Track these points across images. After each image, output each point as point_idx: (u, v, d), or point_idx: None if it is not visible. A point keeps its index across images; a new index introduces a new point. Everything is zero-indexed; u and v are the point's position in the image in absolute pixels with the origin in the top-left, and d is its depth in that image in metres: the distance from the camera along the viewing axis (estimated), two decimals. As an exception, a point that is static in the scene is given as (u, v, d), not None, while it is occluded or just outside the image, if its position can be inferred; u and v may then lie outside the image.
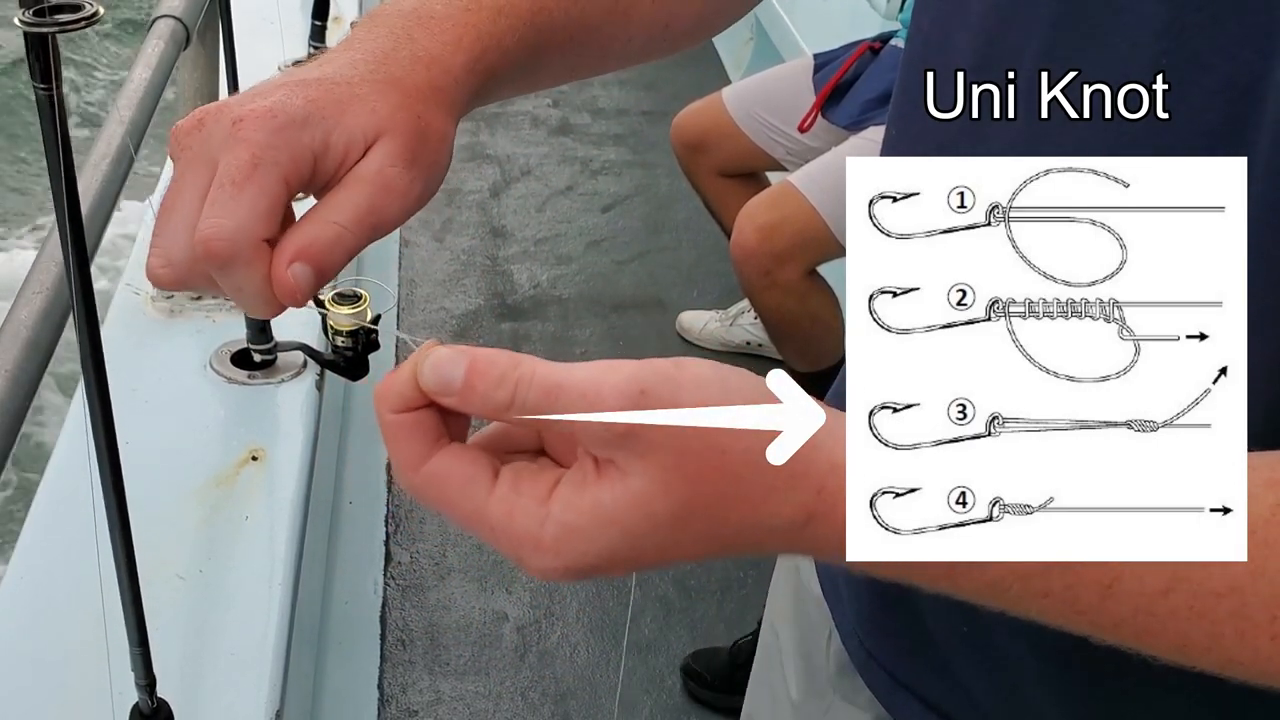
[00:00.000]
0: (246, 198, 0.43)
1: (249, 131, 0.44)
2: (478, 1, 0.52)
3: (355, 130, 0.46)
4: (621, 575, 0.40)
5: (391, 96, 0.47)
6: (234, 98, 0.46)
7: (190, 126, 0.45)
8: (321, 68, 0.48)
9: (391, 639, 1.87)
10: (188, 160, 0.45)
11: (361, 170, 0.46)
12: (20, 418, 0.80)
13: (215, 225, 0.43)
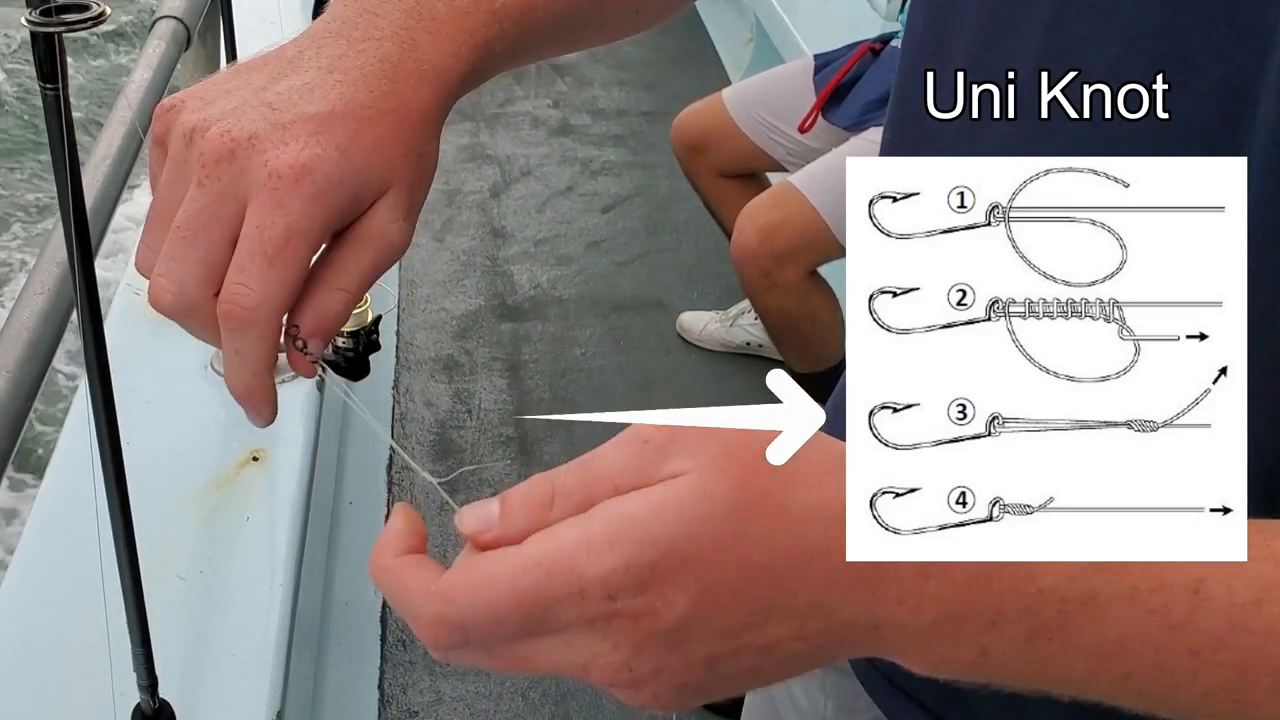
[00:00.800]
0: (277, 272, 0.43)
1: (286, 197, 0.43)
2: (475, 4, 0.51)
3: (372, 184, 0.46)
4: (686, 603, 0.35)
5: (402, 134, 0.46)
6: (264, 112, 0.44)
7: (221, 154, 0.43)
8: (339, 73, 0.46)
9: (392, 639, 1.87)
10: (217, 193, 0.43)
11: (367, 229, 0.46)
12: (22, 418, 0.80)
13: (243, 293, 0.43)
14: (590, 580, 0.35)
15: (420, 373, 2.47)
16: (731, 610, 0.36)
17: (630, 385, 2.48)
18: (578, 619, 0.36)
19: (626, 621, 0.36)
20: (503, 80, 3.76)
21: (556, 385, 2.46)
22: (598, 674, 0.36)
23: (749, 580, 0.36)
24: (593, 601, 0.35)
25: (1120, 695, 0.39)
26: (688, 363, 2.55)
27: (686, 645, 0.36)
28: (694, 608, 0.36)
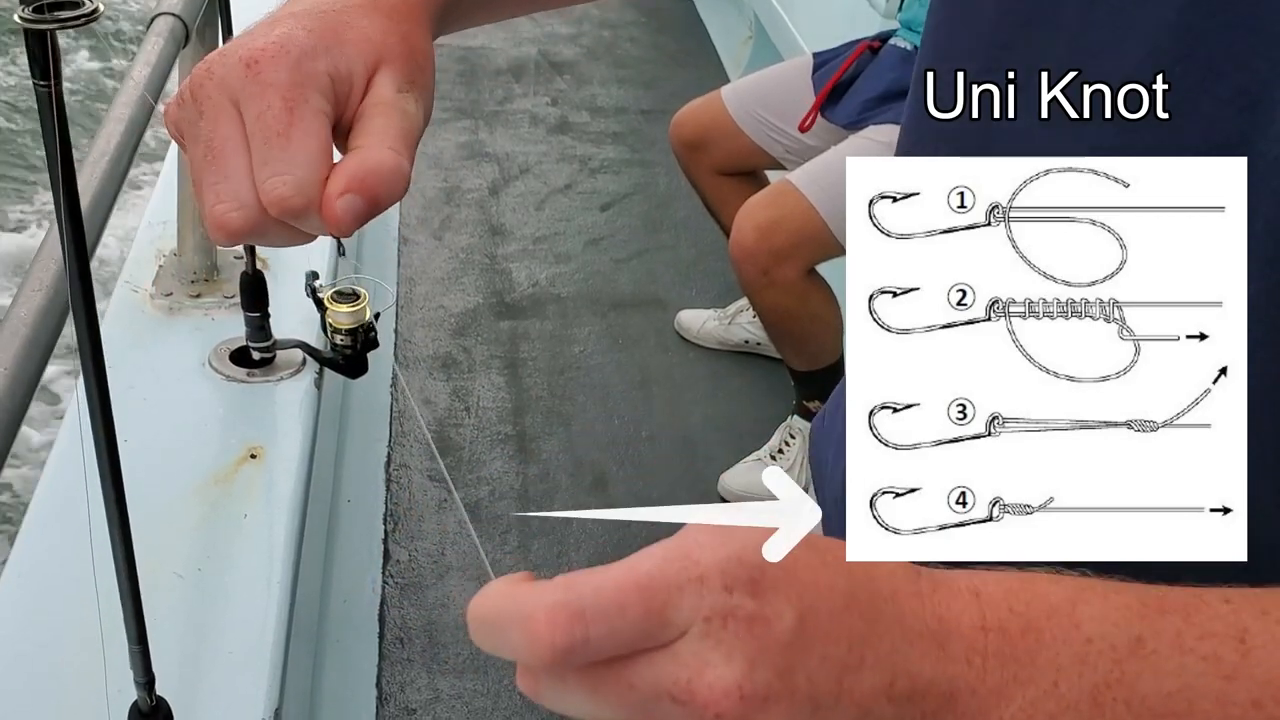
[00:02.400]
0: (296, 145, 0.42)
1: (269, 74, 0.43)
2: None
3: (357, 57, 0.45)
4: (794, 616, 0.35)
5: (378, 20, 0.47)
6: (233, 41, 0.45)
7: (201, 76, 0.43)
8: (312, 3, 0.47)
9: (390, 637, 1.87)
10: (213, 109, 0.43)
11: (377, 97, 0.45)
12: (20, 416, 0.80)
13: (281, 181, 0.42)
14: (707, 566, 0.35)
15: (419, 370, 2.47)
16: (832, 638, 0.36)
17: (629, 383, 2.48)
18: (696, 613, 0.34)
19: (741, 626, 0.35)
20: (501, 78, 3.76)
21: (555, 383, 2.46)
22: (704, 692, 0.34)
23: (842, 607, 0.36)
24: (711, 591, 0.35)
25: None
26: (686, 361, 2.55)
27: (795, 674, 0.35)
28: (801, 623, 0.35)
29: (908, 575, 0.38)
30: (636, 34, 4.13)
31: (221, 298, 1.59)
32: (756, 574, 0.35)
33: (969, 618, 0.37)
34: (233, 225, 0.43)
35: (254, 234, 0.43)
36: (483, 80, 3.75)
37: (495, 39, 3.99)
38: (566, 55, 3.95)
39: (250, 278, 1.42)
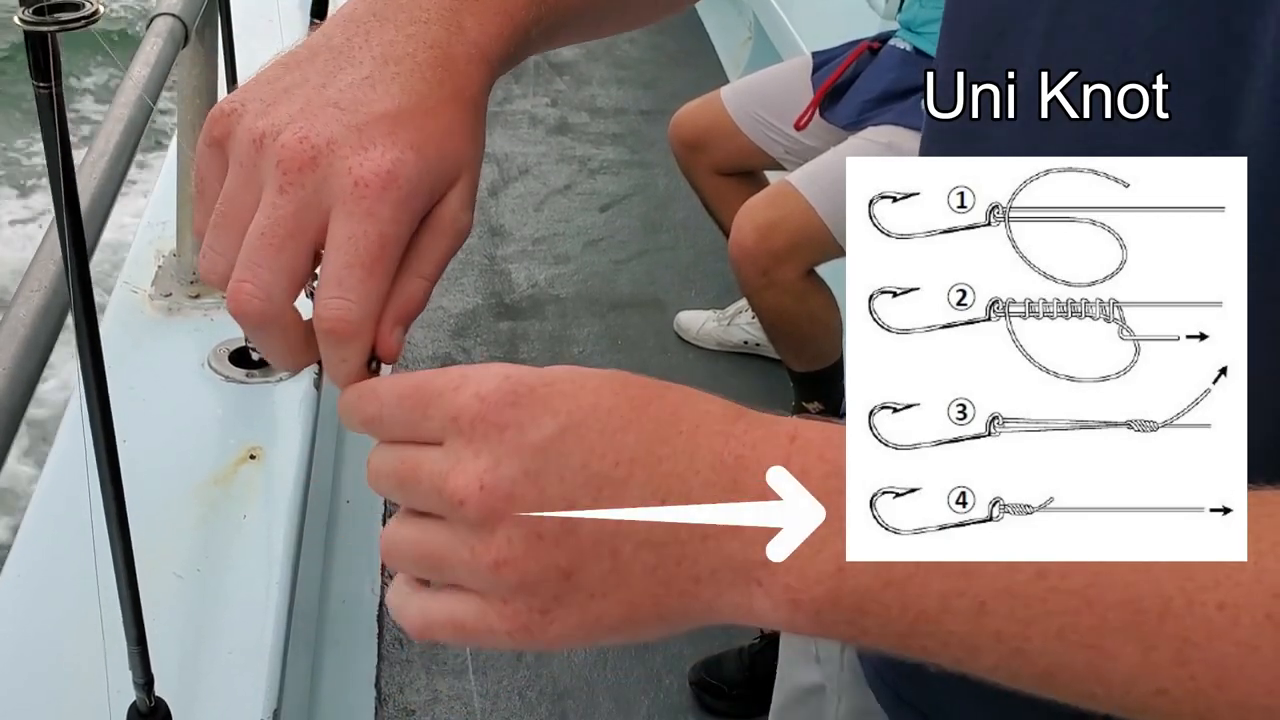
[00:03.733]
0: (375, 281, 0.43)
1: (375, 205, 0.43)
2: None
3: (446, 177, 0.46)
4: (554, 427, 0.38)
5: (463, 121, 0.47)
6: (333, 113, 0.44)
7: (304, 162, 0.43)
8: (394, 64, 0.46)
9: (389, 638, 1.87)
10: (301, 201, 0.43)
11: (440, 218, 0.46)
12: (19, 417, 0.80)
13: (346, 307, 0.43)
14: (471, 379, 0.39)
15: (417, 371, 2.47)
16: (597, 452, 0.38)
17: (628, 384, 2.48)
18: (448, 415, 0.39)
19: (492, 429, 0.38)
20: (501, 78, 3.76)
21: (554, 384, 2.46)
22: (453, 481, 0.38)
23: (618, 427, 0.39)
24: (465, 399, 0.39)
25: (979, 638, 0.37)
26: (685, 362, 2.55)
27: (544, 477, 0.38)
28: (561, 433, 0.38)
29: (724, 414, 0.40)
30: (636, 34, 4.13)
31: (220, 298, 1.59)
32: (522, 390, 0.39)
33: (772, 459, 0.38)
34: (250, 309, 0.43)
35: (254, 325, 0.44)
36: (482, 81, 3.74)
37: (494, 40, 3.99)
38: (566, 56, 3.95)
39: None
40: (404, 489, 0.42)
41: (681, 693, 1.84)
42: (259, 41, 2.20)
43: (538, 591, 0.39)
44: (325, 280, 0.43)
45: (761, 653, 1.80)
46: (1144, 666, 0.35)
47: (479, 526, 0.39)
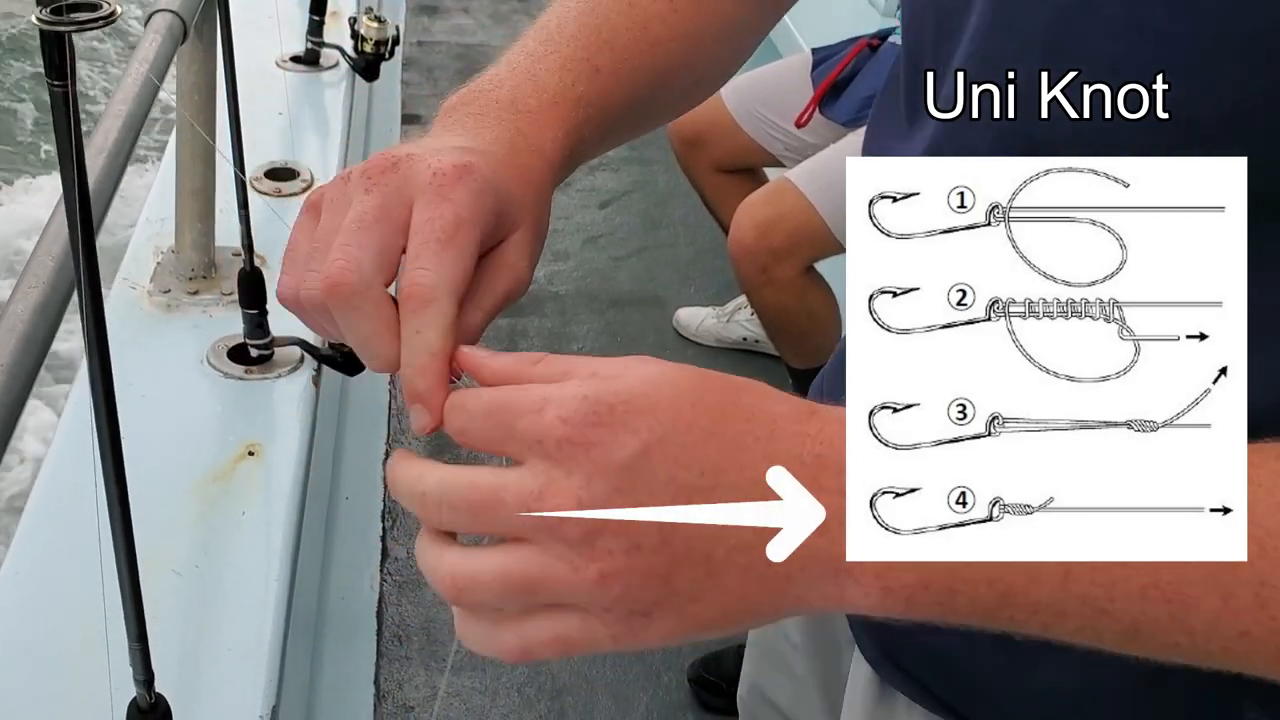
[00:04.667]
0: (450, 256, 0.46)
1: (452, 190, 0.46)
2: (561, 95, 0.56)
3: (513, 210, 0.50)
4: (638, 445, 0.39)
5: (532, 182, 0.51)
6: (416, 146, 0.49)
7: (385, 166, 0.47)
8: (469, 139, 0.52)
9: (388, 634, 1.87)
10: (384, 195, 0.46)
11: (504, 259, 0.50)
12: (17, 412, 0.80)
13: (423, 274, 0.45)
14: (552, 402, 0.40)
15: (416, 367, 2.47)
16: (682, 464, 0.39)
17: (627, 381, 2.48)
18: (533, 438, 0.40)
19: (579, 449, 0.39)
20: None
21: (553, 380, 2.46)
22: (551, 501, 0.39)
23: (699, 440, 0.40)
24: (549, 422, 0.40)
25: (1065, 604, 0.39)
26: (684, 359, 2.52)
27: (635, 491, 0.39)
28: (645, 450, 0.39)
29: (796, 414, 0.41)
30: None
31: (219, 295, 1.59)
32: (603, 409, 0.40)
33: None
34: (342, 281, 0.45)
35: (346, 299, 0.46)
36: (481, 77, 3.74)
37: (494, 36, 3.99)
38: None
39: (248, 275, 1.42)
40: (482, 513, 0.42)
41: (680, 689, 1.84)
42: (258, 38, 2.20)
43: (640, 598, 0.40)
44: (407, 257, 0.46)
45: (760, 650, 1.80)
46: (1225, 612, 0.37)
47: (579, 543, 0.39)
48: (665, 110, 0.68)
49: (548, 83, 0.56)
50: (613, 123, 0.60)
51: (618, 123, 0.61)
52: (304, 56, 2.30)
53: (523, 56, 0.59)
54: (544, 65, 0.58)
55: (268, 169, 1.90)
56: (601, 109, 0.58)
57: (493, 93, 0.56)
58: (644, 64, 0.61)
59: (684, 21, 0.63)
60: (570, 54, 0.59)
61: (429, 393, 0.46)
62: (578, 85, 0.57)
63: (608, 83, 0.59)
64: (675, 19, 0.63)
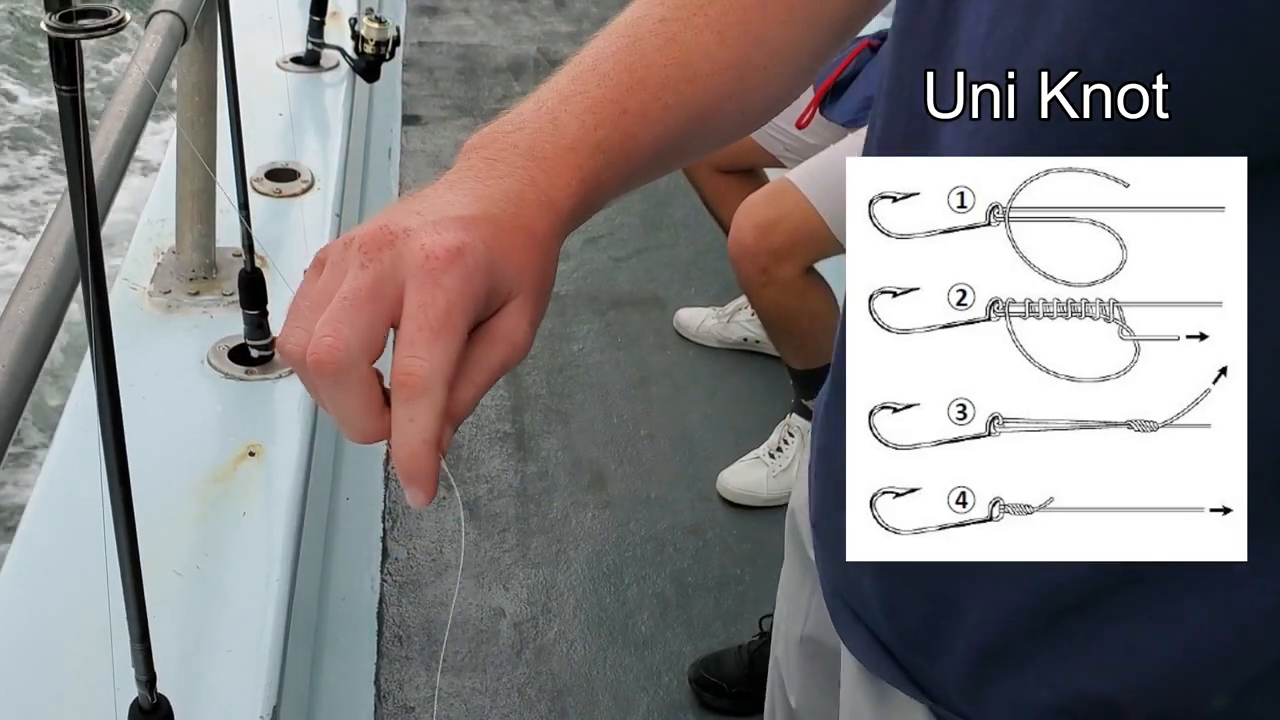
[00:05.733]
0: (443, 344, 0.47)
1: (443, 276, 0.48)
2: (579, 140, 0.57)
3: (507, 281, 0.50)
4: None
5: (531, 249, 0.52)
6: (413, 216, 0.50)
7: (381, 242, 0.49)
8: (474, 196, 0.53)
9: (388, 635, 1.87)
10: (377, 273, 0.48)
11: (499, 328, 0.51)
12: (17, 414, 0.80)
13: (417, 364, 0.47)
14: None
15: (417, 368, 2.47)
16: None
17: (627, 381, 2.48)
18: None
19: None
20: (501, 76, 3.76)
21: (554, 381, 2.46)
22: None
23: None
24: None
25: None
26: (685, 359, 2.55)
27: None
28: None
29: None
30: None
31: (220, 295, 1.59)
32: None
33: None
34: (328, 360, 0.47)
35: (332, 375, 0.47)
36: (482, 78, 3.74)
37: (495, 37, 3.99)
38: (566, 53, 3.93)
39: (249, 275, 1.42)
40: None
41: (681, 690, 1.84)
42: (258, 39, 2.20)
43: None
44: (399, 343, 0.47)
45: (760, 650, 1.80)
46: None
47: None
48: (709, 143, 0.67)
49: (568, 127, 0.57)
50: (640, 164, 0.60)
51: (647, 163, 0.60)
52: (304, 57, 2.30)
53: (551, 96, 0.59)
54: (569, 108, 0.58)
55: (268, 170, 1.90)
56: (625, 153, 0.58)
57: (512, 135, 0.57)
58: (680, 102, 0.61)
59: (730, 54, 0.62)
60: (599, 96, 0.58)
61: (423, 475, 0.47)
62: (599, 130, 0.57)
63: (635, 125, 0.59)
64: (721, 52, 0.62)
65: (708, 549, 2.08)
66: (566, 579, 2.01)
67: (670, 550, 2.08)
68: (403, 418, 0.47)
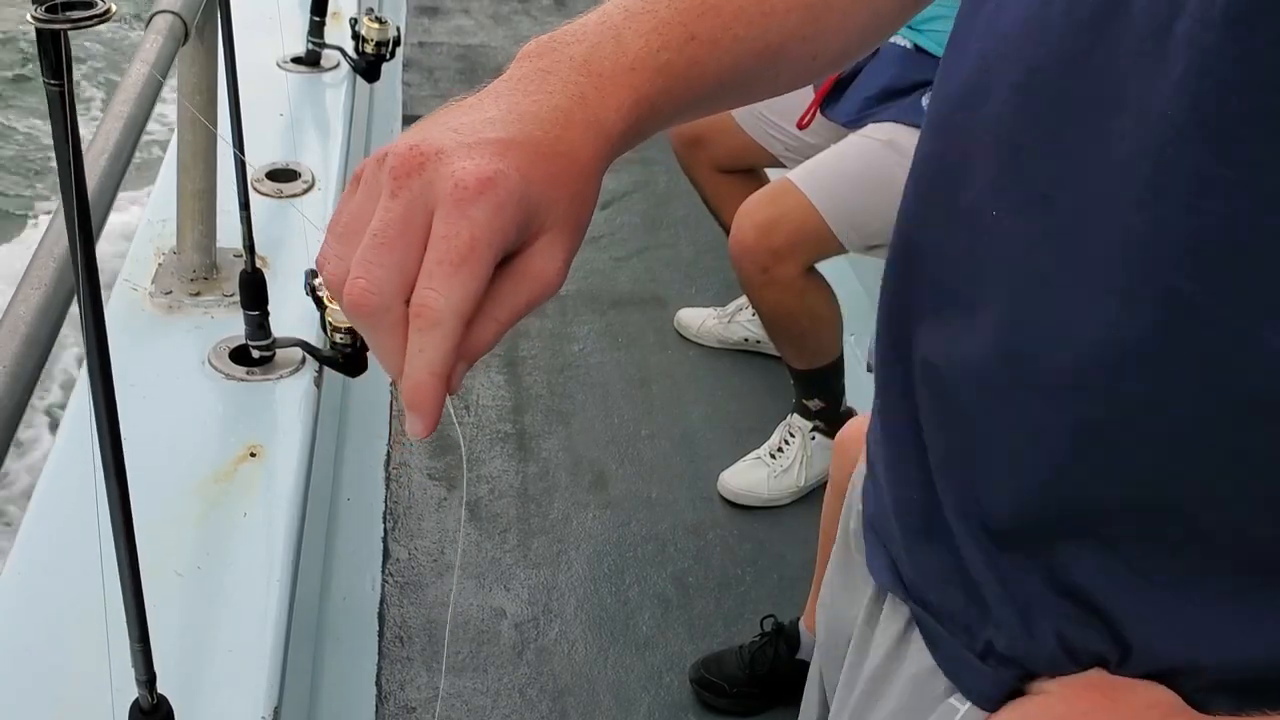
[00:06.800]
0: (462, 279, 0.46)
1: (470, 208, 0.46)
2: (641, 61, 0.54)
3: (542, 213, 0.49)
4: None
5: (571, 175, 0.50)
6: (449, 134, 0.48)
7: (412, 165, 0.47)
8: (517, 114, 0.50)
9: (389, 635, 1.87)
10: (407, 202, 0.47)
11: (528, 264, 0.49)
12: (19, 414, 0.80)
13: (432, 297, 0.46)
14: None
15: (418, 368, 2.46)
16: None
17: (628, 381, 2.48)
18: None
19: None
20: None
21: (554, 381, 2.46)
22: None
23: None
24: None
25: None
26: (685, 359, 2.55)
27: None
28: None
29: None
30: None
31: (221, 296, 1.59)
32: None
33: None
34: (362, 303, 0.46)
35: (367, 318, 0.47)
36: (483, 78, 3.69)
37: (495, 37, 3.99)
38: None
39: (250, 276, 1.42)
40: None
41: (682, 690, 1.84)
42: (259, 38, 2.20)
43: None
44: (421, 273, 0.46)
45: (761, 650, 1.80)
46: None
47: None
48: (776, 83, 0.63)
49: (631, 45, 0.54)
50: (702, 94, 0.57)
51: (709, 94, 0.58)
52: (305, 57, 2.30)
53: (617, 10, 0.56)
54: (634, 26, 0.55)
55: (269, 170, 1.90)
56: (688, 80, 0.56)
57: (569, 48, 0.53)
58: (751, 34, 0.58)
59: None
60: (668, 16, 0.55)
61: (425, 407, 0.47)
62: (664, 52, 0.54)
63: (701, 52, 0.56)
64: None
65: (709, 549, 2.08)
66: (567, 579, 2.01)
67: (671, 550, 2.08)
68: (413, 348, 0.46)
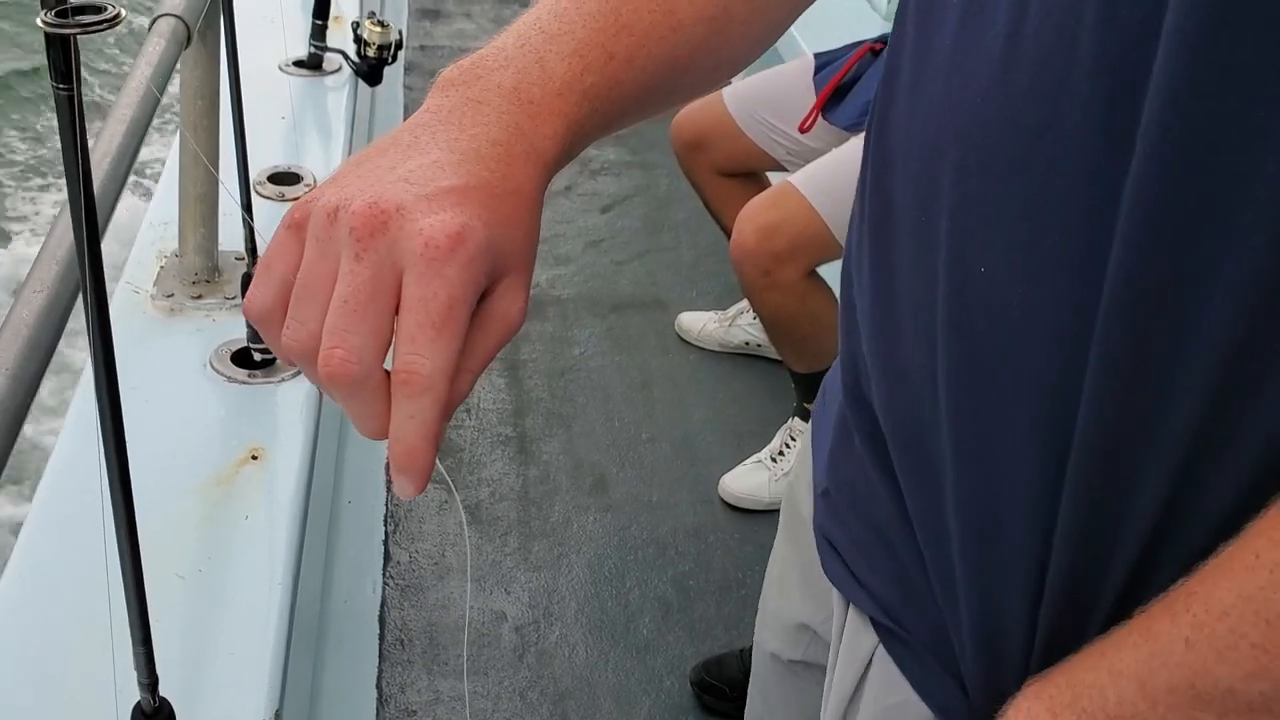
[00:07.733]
0: (445, 339, 0.45)
1: (445, 267, 0.45)
2: (567, 85, 0.54)
3: (505, 258, 0.48)
4: None
5: (522, 213, 0.50)
6: (403, 186, 0.47)
7: (375, 226, 0.46)
8: (460, 154, 0.49)
9: (390, 638, 1.87)
10: (375, 264, 0.45)
11: (492, 310, 0.48)
12: (21, 417, 0.80)
13: (419, 362, 0.45)
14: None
15: (419, 371, 2.46)
16: None
17: (629, 385, 2.48)
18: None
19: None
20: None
21: (555, 385, 2.46)
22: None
23: None
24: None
25: None
26: (686, 362, 2.55)
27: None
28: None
29: None
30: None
31: (223, 299, 1.60)
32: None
33: None
34: (342, 373, 0.45)
35: (347, 387, 0.45)
36: (483, 82, 3.74)
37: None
38: (567, 57, 3.94)
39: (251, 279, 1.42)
40: None
41: (682, 693, 1.84)
42: (261, 42, 2.21)
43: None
44: (400, 336, 0.45)
45: (762, 654, 1.80)
46: None
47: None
48: (682, 94, 0.65)
49: (556, 70, 0.54)
50: (620, 112, 0.58)
51: (626, 111, 0.58)
52: (307, 61, 2.30)
53: (535, 32, 0.56)
54: (555, 48, 0.55)
55: (271, 173, 1.90)
56: (610, 100, 0.56)
57: (495, 74, 0.53)
58: (662, 51, 0.59)
59: (711, 4, 0.61)
60: (585, 37, 0.56)
61: (418, 469, 0.46)
62: (587, 75, 0.55)
63: (620, 71, 0.57)
64: (703, 0, 0.60)
65: (709, 552, 2.08)
66: (568, 582, 2.01)
67: (672, 554, 2.08)
68: (403, 413, 0.45)
